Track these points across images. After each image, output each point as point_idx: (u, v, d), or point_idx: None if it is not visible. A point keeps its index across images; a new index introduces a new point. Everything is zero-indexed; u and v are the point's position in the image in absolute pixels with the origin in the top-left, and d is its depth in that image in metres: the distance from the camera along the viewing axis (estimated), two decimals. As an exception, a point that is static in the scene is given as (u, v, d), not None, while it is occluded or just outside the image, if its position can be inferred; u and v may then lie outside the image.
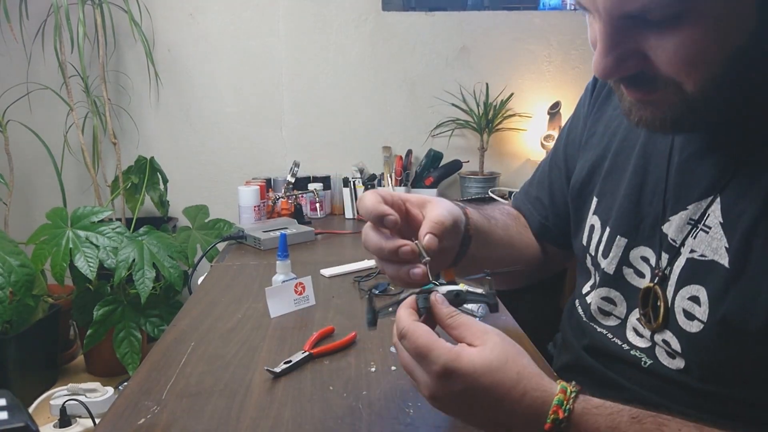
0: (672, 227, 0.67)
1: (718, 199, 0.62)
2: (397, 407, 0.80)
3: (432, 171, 2.37)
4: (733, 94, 0.57)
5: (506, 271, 0.69)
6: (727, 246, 0.60)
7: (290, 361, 0.92)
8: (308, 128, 2.54)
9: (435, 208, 0.66)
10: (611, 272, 0.75)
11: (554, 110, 2.40)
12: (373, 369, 0.92)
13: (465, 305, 1.10)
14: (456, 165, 2.42)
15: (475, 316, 1.07)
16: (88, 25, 2.27)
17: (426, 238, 0.62)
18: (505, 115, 2.44)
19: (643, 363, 0.70)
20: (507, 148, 2.56)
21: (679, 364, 0.66)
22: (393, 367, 0.92)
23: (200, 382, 0.88)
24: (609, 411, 0.55)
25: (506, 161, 2.57)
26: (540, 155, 2.47)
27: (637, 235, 0.72)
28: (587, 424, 0.53)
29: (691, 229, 0.64)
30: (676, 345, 0.65)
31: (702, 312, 0.61)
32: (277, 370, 0.90)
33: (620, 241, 0.74)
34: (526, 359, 0.56)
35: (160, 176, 2.37)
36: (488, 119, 2.40)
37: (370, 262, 1.47)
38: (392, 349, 0.98)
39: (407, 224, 0.67)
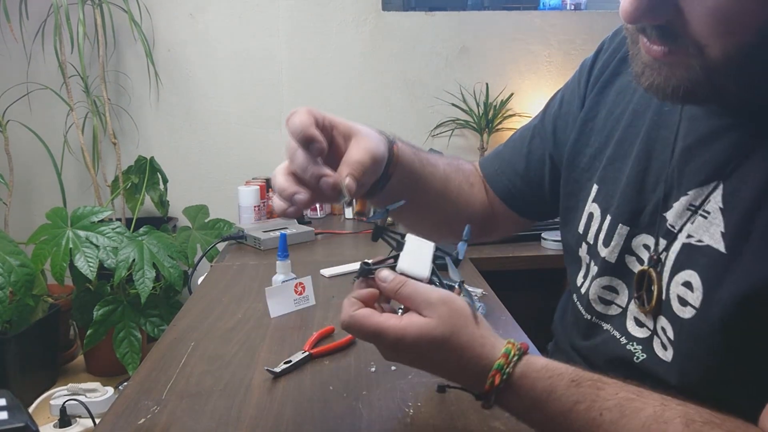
0: (672, 213, 0.66)
1: (721, 186, 0.61)
2: (397, 407, 0.80)
3: (432, 171, 2.37)
4: (756, 71, 0.55)
5: (398, 205, 0.66)
6: (723, 231, 0.59)
7: (290, 361, 0.92)
8: (308, 128, 2.53)
9: (359, 145, 0.66)
10: (613, 261, 0.74)
11: (554, 110, 2.40)
12: (373, 369, 0.92)
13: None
14: (456, 165, 2.42)
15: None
16: (88, 25, 2.27)
17: (346, 180, 0.62)
18: (505, 115, 2.45)
19: (635, 358, 0.69)
20: (507, 148, 2.56)
21: (668, 356, 0.65)
22: (393, 367, 0.92)
23: (200, 382, 0.88)
24: (549, 374, 0.56)
25: (506, 161, 2.57)
26: (540, 155, 2.46)
27: (639, 223, 0.71)
28: (525, 388, 0.56)
29: (691, 215, 0.63)
30: (670, 332, 0.65)
31: (695, 298, 0.61)
32: (277, 370, 0.90)
33: (622, 230, 0.73)
34: (470, 328, 0.58)
35: (160, 176, 2.37)
36: (488, 119, 2.41)
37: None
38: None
39: (328, 150, 0.67)
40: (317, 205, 2.17)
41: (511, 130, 2.48)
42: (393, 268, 0.63)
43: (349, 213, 2.20)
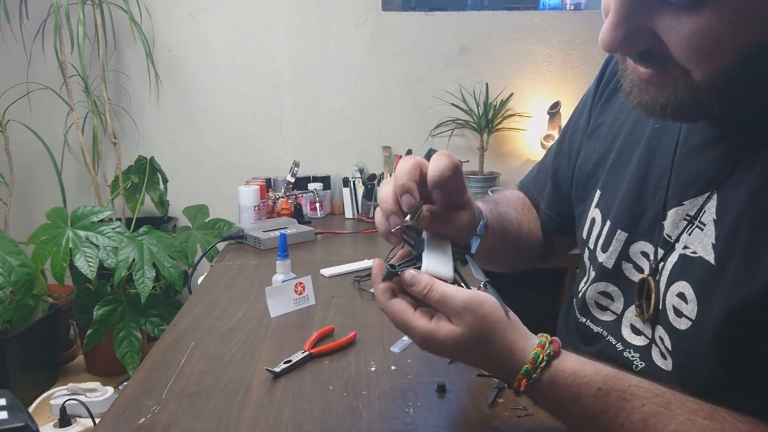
0: (668, 222, 0.66)
1: (715, 196, 0.61)
2: (397, 407, 0.80)
3: (432, 171, 2.37)
4: (741, 91, 0.55)
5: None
6: (714, 242, 0.60)
7: (290, 361, 0.92)
8: (308, 128, 2.54)
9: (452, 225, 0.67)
10: (610, 266, 0.74)
11: (554, 110, 2.40)
12: (373, 369, 0.92)
13: None
14: (456, 165, 2.42)
15: None
16: (88, 25, 2.27)
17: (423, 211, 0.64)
18: (504, 115, 2.44)
19: (635, 367, 0.69)
20: (507, 148, 2.56)
21: (668, 365, 0.65)
22: (393, 367, 0.92)
23: (200, 382, 0.88)
24: (577, 381, 0.57)
25: (506, 161, 2.57)
26: (540, 155, 2.46)
27: (638, 230, 0.71)
28: (551, 392, 0.58)
29: (687, 226, 0.64)
30: (668, 342, 0.65)
31: (689, 310, 0.61)
32: (277, 369, 0.90)
33: (620, 236, 0.73)
34: (498, 333, 0.58)
35: (160, 176, 2.37)
36: (488, 119, 2.41)
37: (369, 262, 1.47)
38: (392, 348, 0.99)
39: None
40: (317, 205, 2.17)
41: (511, 130, 2.49)
42: (417, 267, 0.63)
43: (349, 213, 2.20)
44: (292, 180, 2.07)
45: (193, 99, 2.50)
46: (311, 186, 2.20)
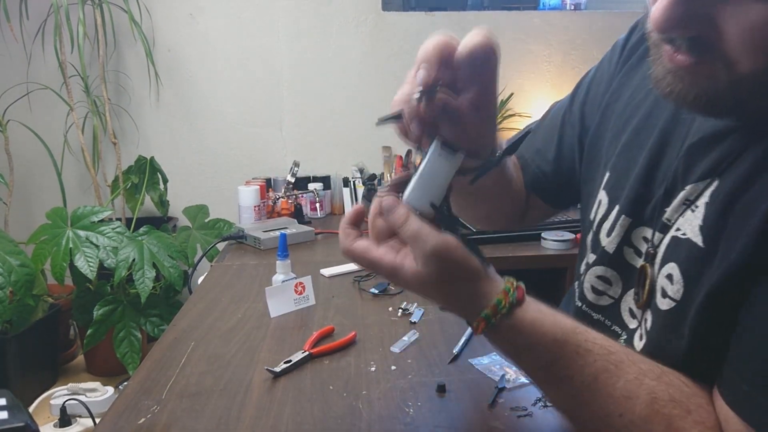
0: (671, 209, 0.66)
1: (716, 182, 0.61)
2: (397, 407, 0.80)
3: (432, 171, 2.37)
4: None
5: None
6: (701, 224, 0.60)
7: (290, 361, 0.92)
8: (308, 128, 2.54)
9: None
10: (611, 251, 0.74)
11: (554, 110, 2.40)
12: (373, 369, 0.92)
13: None
14: (456, 165, 2.42)
15: None
16: (88, 25, 2.27)
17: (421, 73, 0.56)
18: (504, 115, 2.44)
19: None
20: (507, 148, 2.56)
21: (640, 345, 0.66)
22: (393, 367, 0.92)
23: (200, 381, 0.88)
24: (535, 331, 0.58)
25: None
26: (540, 155, 2.46)
27: (642, 216, 0.71)
28: (507, 339, 0.59)
29: (684, 209, 0.64)
30: (649, 323, 0.65)
31: (674, 290, 0.61)
32: (277, 369, 0.90)
33: (624, 221, 0.72)
34: (461, 281, 0.58)
35: (160, 176, 2.37)
36: (488, 119, 2.40)
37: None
38: (392, 348, 0.99)
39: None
40: (317, 205, 2.17)
41: (512, 130, 2.49)
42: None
43: (349, 213, 2.20)
44: (292, 180, 2.07)
45: (193, 99, 2.50)
46: (311, 186, 2.20)
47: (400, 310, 1.15)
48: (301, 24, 2.46)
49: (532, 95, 2.52)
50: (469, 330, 1.02)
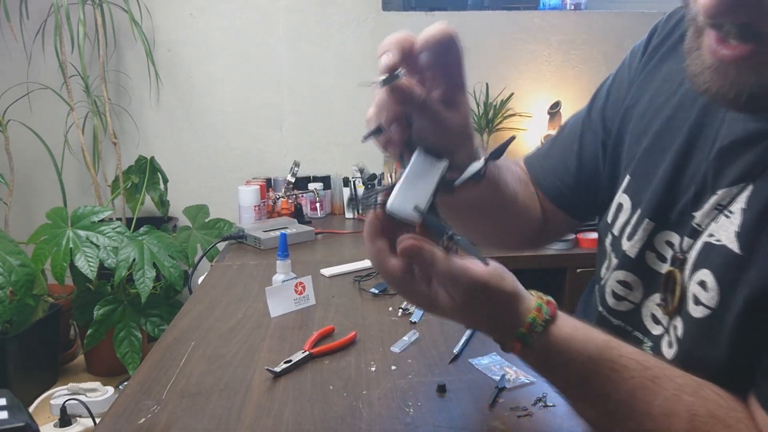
0: (701, 213, 0.65)
1: (750, 187, 0.59)
2: (397, 407, 0.80)
3: (432, 171, 2.38)
4: None
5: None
6: (738, 231, 0.58)
7: (290, 361, 0.92)
8: (308, 128, 2.54)
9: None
10: (633, 256, 0.72)
11: (554, 110, 2.40)
12: (373, 369, 0.92)
13: None
14: (456, 165, 2.42)
15: None
16: (88, 25, 2.27)
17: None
18: (505, 115, 2.44)
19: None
20: (507, 148, 2.56)
21: (671, 353, 0.65)
22: (393, 367, 0.92)
23: (200, 381, 0.88)
24: (571, 347, 0.57)
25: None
26: (540, 155, 2.46)
27: (667, 220, 0.69)
28: (543, 357, 0.57)
29: (717, 215, 0.62)
30: (680, 331, 0.64)
31: (708, 298, 0.60)
32: (277, 369, 0.90)
33: (648, 225, 0.71)
34: (493, 304, 0.56)
35: (160, 176, 2.38)
36: (488, 119, 2.41)
37: (370, 262, 1.46)
38: (392, 348, 0.99)
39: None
40: (317, 205, 2.17)
41: (512, 130, 2.49)
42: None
43: (349, 213, 2.20)
44: (293, 180, 2.08)
45: (193, 99, 2.50)
46: (311, 186, 2.21)
47: (400, 310, 1.15)
48: (301, 24, 2.46)
49: (532, 95, 2.52)
50: (469, 330, 1.02)
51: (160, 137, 2.52)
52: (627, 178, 0.76)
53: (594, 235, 2.00)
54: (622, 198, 0.77)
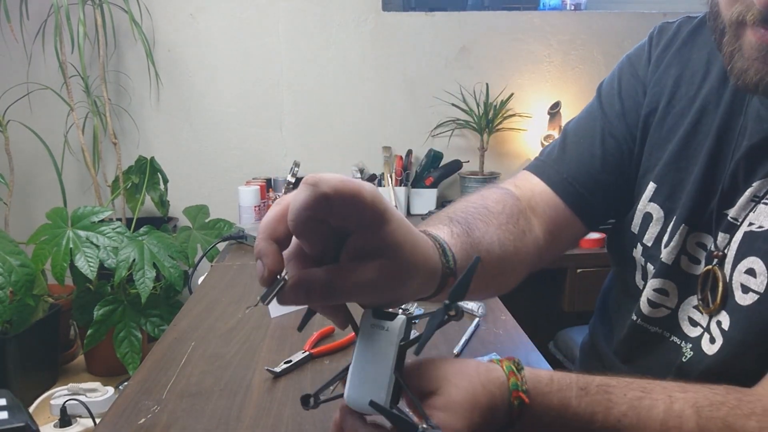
0: (736, 208, 0.65)
1: None
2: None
3: (432, 171, 2.38)
4: None
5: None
6: None
7: (290, 361, 0.92)
8: (308, 128, 2.54)
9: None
10: (669, 262, 0.72)
11: (554, 110, 2.40)
12: (373, 369, 0.92)
13: (465, 305, 1.11)
14: (456, 165, 2.42)
15: (475, 316, 1.08)
16: (88, 25, 2.27)
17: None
18: (505, 115, 2.44)
19: (683, 357, 0.68)
20: (507, 148, 2.56)
21: (714, 348, 0.65)
22: (393, 367, 0.92)
23: (200, 382, 0.88)
24: (558, 387, 0.53)
25: (506, 161, 2.57)
26: (540, 155, 2.46)
27: (698, 222, 0.70)
28: (541, 407, 0.52)
29: (754, 206, 0.63)
30: (726, 323, 0.64)
31: (758, 283, 0.60)
32: (278, 369, 0.90)
33: (683, 230, 0.71)
34: (466, 381, 0.50)
35: (160, 176, 2.37)
36: (488, 119, 2.41)
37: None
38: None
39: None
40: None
41: (512, 130, 2.49)
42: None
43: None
44: (293, 180, 2.07)
45: (193, 99, 2.50)
46: (311, 186, 2.20)
47: (400, 310, 1.14)
48: (301, 24, 2.46)
49: (532, 95, 2.52)
50: (469, 330, 1.02)
51: (160, 137, 2.52)
52: (651, 186, 0.75)
53: (595, 236, 2.00)
54: (649, 207, 0.76)
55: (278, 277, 0.43)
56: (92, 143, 2.41)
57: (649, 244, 0.76)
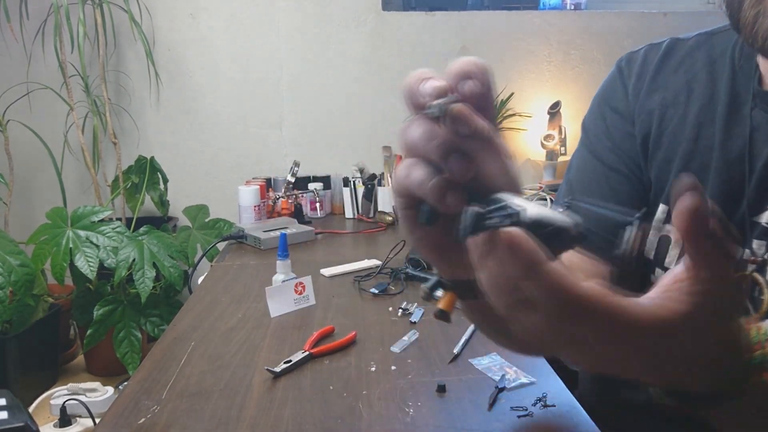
0: (766, 215, 0.65)
1: None
2: (397, 407, 0.80)
3: (432, 171, 2.38)
4: None
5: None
6: None
7: (290, 361, 0.92)
8: (308, 128, 2.54)
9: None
10: None
11: (554, 110, 2.40)
12: (373, 369, 0.92)
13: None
14: (456, 165, 2.42)
15: None
16: (88, 25, 2.27)
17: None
18: (505, 115, 2.44)
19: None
20: (507, 148, 2.56)
21: None
22: (393, 367, 0.92)
23: (200, 381, 0.88)
24: None
25: (506, 161, 2.57)
26: (540, 155, 2.47)
27: None
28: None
29: None
30: None
31: None
32: (277, 369, 0.90)
33: None
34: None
35: (160, 176, 2.37)
36: (488, 119, 2.40)
37: (370, 262, 1.46)
38: (392, 348, 0.98)
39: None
40: (317, 205, 2.17)
41: (512, 130, 2.49)
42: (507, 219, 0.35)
43: (349, 213, 2.20)
44: (293, 180, 2.07)
45: (193, 99, 2.50)
46: (311, 186, 2.20)
47: (400, 310, 1.15)
48: (301, 24, 2.46)
49: (532, 95, 2.52)
50: (469, 330, 1.02)
51: (160, 137, 2.52)
52: (662, 208, 0.74)
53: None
54: (665, 230, 0.75)
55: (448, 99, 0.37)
56: (92, 143, 2.41)
57: (672, 267, 0.75)
